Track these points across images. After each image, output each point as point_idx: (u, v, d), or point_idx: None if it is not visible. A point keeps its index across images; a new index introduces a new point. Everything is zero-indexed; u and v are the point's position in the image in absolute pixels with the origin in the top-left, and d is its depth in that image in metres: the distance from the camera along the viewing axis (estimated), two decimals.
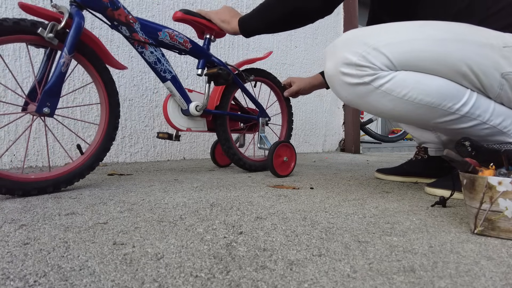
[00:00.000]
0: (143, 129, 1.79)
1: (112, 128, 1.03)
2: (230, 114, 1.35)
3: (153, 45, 1.11)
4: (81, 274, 0.41)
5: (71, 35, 0.89)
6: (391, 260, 0.46)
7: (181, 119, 1.25)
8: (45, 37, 0.86)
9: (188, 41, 1.21)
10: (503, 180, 0.53)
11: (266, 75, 1.49)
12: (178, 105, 1.24)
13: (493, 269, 0.43)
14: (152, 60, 1.12)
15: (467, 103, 0.76)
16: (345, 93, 0.82)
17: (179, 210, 0.73)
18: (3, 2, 1.42)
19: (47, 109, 0.87)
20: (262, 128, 1.44)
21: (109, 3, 0.99)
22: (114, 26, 1.03)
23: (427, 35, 0.75)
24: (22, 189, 0.83)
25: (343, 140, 2.93)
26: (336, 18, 2.93)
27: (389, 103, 0.78)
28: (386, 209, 0.75)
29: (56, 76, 0.88)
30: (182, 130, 1.25)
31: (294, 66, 2.57)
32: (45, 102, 0.87)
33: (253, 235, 0.56)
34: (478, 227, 0.57)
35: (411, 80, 0.76)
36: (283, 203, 0.80)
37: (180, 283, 0.39)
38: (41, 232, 0.56)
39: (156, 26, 1.12)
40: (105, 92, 1.02)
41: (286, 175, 1.30)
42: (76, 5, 0.92)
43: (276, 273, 0.42)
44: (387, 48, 0.75)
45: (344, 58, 0.78)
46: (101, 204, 0.77)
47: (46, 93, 0.87)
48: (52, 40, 0.87)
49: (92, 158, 0.98)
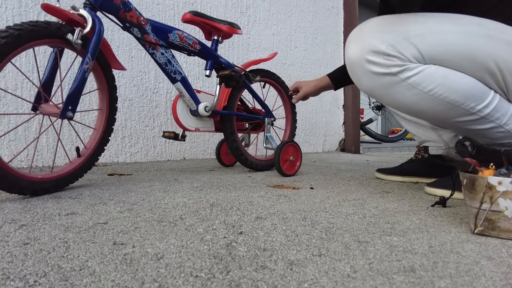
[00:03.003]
0: (143, 129, 1.79)
1: (108, 133, 1.05)
2: (237, 115, 1.37)
3: (163, 47, 1.12)
4: (81, 274, 0.41)
5: (94, 42, 0.90)
6: (391, 260, 0.46)
7: (190, 119, 1.26)
8: (72, 43, 0.87)
9: (197, 43, 1.22)
10: (503, 180, 0.53)
11: (271, 75, 1.51)
12: (187, 106, 1.25)
13: (493, 269, 0.43)
14: (163, 61, 1.13)
15: (489, 104, 0.74)
16: (368, 82, 0.78)
17: (179, 210, 0.73)
18: (3, 2, 1.42)
19: (71, 113, 0.88)
20: (268, 128, 1.46)
21: (121, 5, 1.00)
22: (126, 28, 1.04)
23: (460, 28, 0.71)
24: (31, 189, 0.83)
25: (343, 140, 2.93)
26: (336, 18, 2.93)
27: (412, 97, 0.76)
28: (386, 209, 0.75)
29: (79, 81, 0.89)
30: (191, 130, 1.27)
31: (294, 66, 2.57)
32: (68, 106, 0.88)
33: (253, 235, 0.56)
34: (478, 227, 0.57)
35: (439, 75, 0.73)
36: (283, 203, 0.80)
37: (180, 283, 0.39)
38: (41, 232, 0.56)
39: (167, 27, 1.13)
40: (108, 99, 1.04)
41: (292, 175, 1.31)
42: (90, 7, 0.93)
43: (276, 273, 0.42)
44: (418, 39, 0.72)
45: (371, 45, 0.74)
46: (101, 204, 0.77)
47: (69, 97, 0.88)
48: (78, 46, 0.88)
49: (90, 159, 1.00)
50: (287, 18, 2.53)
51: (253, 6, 2.32)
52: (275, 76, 1.52)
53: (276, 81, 1.53)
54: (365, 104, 3.28)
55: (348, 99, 2.91)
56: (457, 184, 0.86)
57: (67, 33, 0.86)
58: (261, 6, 2.36)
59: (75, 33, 0.87)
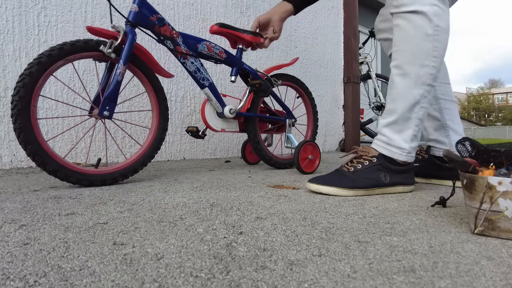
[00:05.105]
0: (143, 129, 1.79)
1: (162, 131, 1.17)
2: (260, 116, 1.46)
3: (193, 56, 1.23)
4: (81, 274, 0.41)
5: (125, 50, 1.04)
6: (391, 260, 0.46)
7: (216, 120, 1.36)
8: (105, 53, 1.02)
9: (223, 52, 1.32)
10: (503, 180, 0.53)
11: (292, 79, 1.61)
12: (214, 109, 1.36)
13: (493, 269, 0.43)
14: (193, 69, 1.24)
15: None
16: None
17: (179, 210, 0.72)
18: (3, 2, 1.42)
19: (107, 112, 1.03)
20: (289, 129, 1.56)
21: (156, 21, 1.13)
22: (160, 41, 1.16)
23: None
24: (100, 180, 1.02)
25: (343, 140, 2.93)
26: (336, 18, 2.93)
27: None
28: (386, 209, 0.75)
29: (113, 85, 1.03)
30: (217, 131, 1.37)
31: (294, 66, 2.57)
32: (105, 107, 1.02)
33: (253, 235, 0.56)
34: (478, 227, 0.57)
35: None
36: (283, 203, 0.80)
37: (180, 283, 0.39)
38: (41, 232, 0.56)
39: (196, 39, 1.24)
40: (156, 99, 1.17)
41: (311, 172, 1.39)
42: (130, 24, 1.07)
43: (276, 273, 0.42)
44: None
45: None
46: (101, 204, 0.77)
47: (106, 99, 1.02)
48: (110, 54, 1.03)
49: (145, 156, 1.13)
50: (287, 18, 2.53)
51: (253, 6, 2.32)
52: (296, 79, 1.62)
53: (299, 86, 1.64)
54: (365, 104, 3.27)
55: (348, 99, 2.91)
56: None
57: (101, 46, 1.01)
58: (261, 6, 2.36)
59: (107, 45, 1.02)
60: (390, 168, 0.93)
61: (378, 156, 0.94)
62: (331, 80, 2.90)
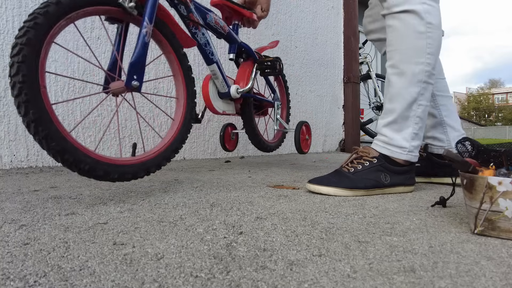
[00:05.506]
0: (143, 129, 1.79)
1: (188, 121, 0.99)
2: (257, 98, 1.42)
3: (203, 27, 1.13)
4: (81, 274, 0.41)
5: (149, 4, 0.87)
6: (391, 260, 0.46)
7: (218, 102, 1.26)
8: (126, 7, 0.83)
9: (226, 26, 1.25)
10: (503, 180, 0.53)
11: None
12: (216, 88, 1.25)
13: (493, 269, 0.43)
14: (203, 41, 1.14)
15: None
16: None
17: (179, 210, 0.73)
18: (3, 2, 1.42)
19: (136, 82, 0.83)
20: (278, 111, 1.53)
21: None
22: (173, 4, 1.04)
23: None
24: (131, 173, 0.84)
25: (343, 140, 2.93)
26: (336, 18, 2.93)
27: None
28: (386, 209, 0.75)
29: (140, 47, 0.84)
30: (218, 113, 1.26)
31: (294, 66, 2.57)
32: (132, 75, 0.82)
33: (253, 235, 0.56)
34: (478, 227, 0.57)
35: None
36: (283, 203, 0.80)
37: (180, 283, 0.39)
38: (41, 232, 0.56)
39: (205, 9, 1.16)
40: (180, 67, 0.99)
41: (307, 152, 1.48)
42: None
43: (276, 273, 0.42)
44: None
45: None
46: (101, 204, 0.77)
47: (132, 65, 0.82)
48: (133, 10, 0.85)
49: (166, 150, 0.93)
50: (287, 18, 2.53)
51: None
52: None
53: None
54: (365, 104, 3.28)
55: (348, 99, 2.91)
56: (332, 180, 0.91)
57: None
58: None
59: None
60: (391, 168, 0.93)
61: (378, 157, 0.94)
62: (331, 80, 2.90)
